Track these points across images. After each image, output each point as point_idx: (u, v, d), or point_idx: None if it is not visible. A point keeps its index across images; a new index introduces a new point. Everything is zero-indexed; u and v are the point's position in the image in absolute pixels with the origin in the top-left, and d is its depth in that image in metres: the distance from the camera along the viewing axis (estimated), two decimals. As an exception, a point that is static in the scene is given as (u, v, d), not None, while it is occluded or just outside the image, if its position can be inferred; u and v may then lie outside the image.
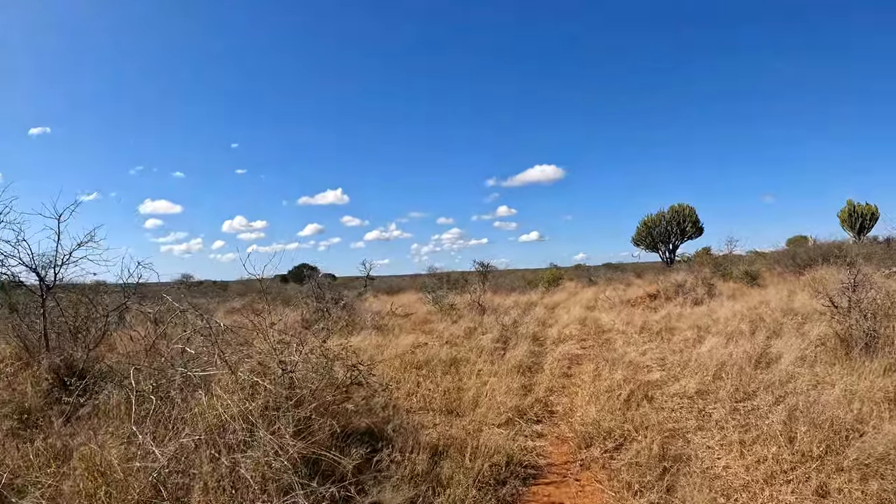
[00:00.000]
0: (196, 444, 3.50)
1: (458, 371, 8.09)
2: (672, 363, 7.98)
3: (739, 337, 8.84)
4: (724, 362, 7.28)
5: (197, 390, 4.14)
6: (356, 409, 4.86)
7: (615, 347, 9.92)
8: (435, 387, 7.07)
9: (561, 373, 8.13)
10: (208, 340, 4.48)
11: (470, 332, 12.31)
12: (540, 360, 9.09)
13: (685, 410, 5.91)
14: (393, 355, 8.90)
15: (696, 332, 10.10)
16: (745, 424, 5.13)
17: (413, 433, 4.93)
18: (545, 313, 16.59)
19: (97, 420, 4.79)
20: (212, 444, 3.51)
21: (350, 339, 10.99)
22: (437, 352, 9.30)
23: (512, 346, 9.77)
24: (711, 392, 6.37)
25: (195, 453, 3.46)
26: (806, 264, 20.81)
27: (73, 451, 4.14)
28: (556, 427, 5.83)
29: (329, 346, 5.07)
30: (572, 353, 9.65)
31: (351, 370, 5.00)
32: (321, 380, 4.43)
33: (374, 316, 15.14)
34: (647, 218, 41.46)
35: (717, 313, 12.34)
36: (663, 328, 11.38)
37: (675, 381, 7.01)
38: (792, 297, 13.77)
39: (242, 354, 4.53)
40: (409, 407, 6.37)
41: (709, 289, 17.40)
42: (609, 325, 13.04)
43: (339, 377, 4.80)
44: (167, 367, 4.50)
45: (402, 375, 7.74)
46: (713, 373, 6.95)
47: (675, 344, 9.33)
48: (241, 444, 3.51)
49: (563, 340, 10.98)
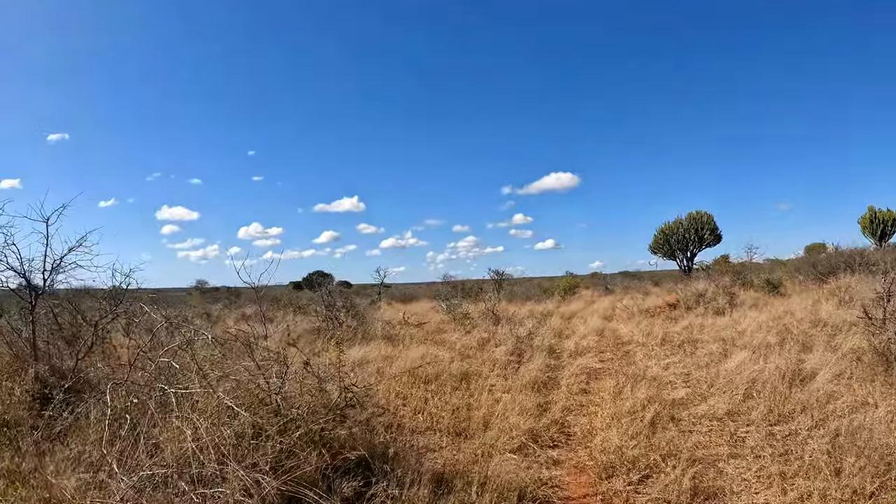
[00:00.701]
0: (163, 478, 3.10)
1: (469, 387, 7.67)
2: (697, 379, 7.50)
3: (768, 350, 8.32)
4: (755, 379, 6.80)
5: (175, 411, 3.73)
6: (351, 435, 4.41)
7: (635, 361, 9.45)
8: (444, 404, 6.65)
9: (579, 389, 7.67)
10: (187, 355, 4.08)
11: (483, 343, 11.87)
12: (556, 374, 8.63)
13: (715, 434, 5.43)
14: (401, 369, 8.48)
15: (720, 344, 9.58)
16: (784, 452, 4.64)
17: (416, 459, 4.50)
18: (561, 323, 16.11)
19: (68, 439, 4.41)
20: (182, 476, 3.10)
21: (359, 350, 10.65)
22: (448, 365, 8.89)
23: (527, 360, 9.32)
24: (743, 413, 5.89)
25: (160, 488, 3.06)
26: (828, 272, 20.06)
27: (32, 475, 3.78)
28: (573, 453, 5.34)
29: (321, 362, 4.65)
30: (590, 367, 9.18)
31: (345, 392, 4.55)
32: (309, 403, 4.01)
33: (384, 325, 14.73)
34: (665, 225, 40.84)
35: (742, 324, 11.81)
36: (685, 340, 10.86)
37: (702, 399, 6.54)
38: (817, 307, 13.18)
39: (223, 373, 4.12)
40: (414, 426, 5.96)
41: (730, 298, 16.81)
42: (628, 337, 12.52)
43: (332, 399, 4.37)
44: (150, 382, 4.15)
45: (409, 391, 7.32)
46: (743, 391, 6.46)
47: (699, 358, 8.82)
48: (214, 477, 3.10)
49: (580, 353, 10.50)
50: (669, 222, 40.65)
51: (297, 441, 3.61)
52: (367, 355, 10.17)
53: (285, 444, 3.49)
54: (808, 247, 42.40)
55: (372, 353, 10.37)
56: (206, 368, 4.02)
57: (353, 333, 13.32)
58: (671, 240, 40.25)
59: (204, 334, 4.63)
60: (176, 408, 3.74)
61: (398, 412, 6.46)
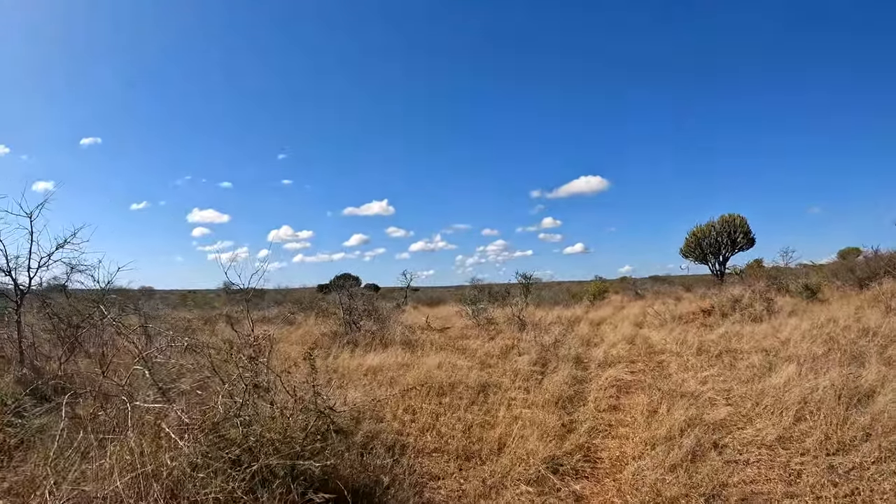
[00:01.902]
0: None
1: (487, 400, 7.08)
2: (740, 396, 6.78)
3: (816, 363, 7.55)
4: (805, 398, 6.08)
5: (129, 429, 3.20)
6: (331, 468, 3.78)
7: (669, 373, 8.73)
8: (456, 421, 6.07)
9: (607, 405, 6.98)
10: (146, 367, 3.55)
11: (506, 350, 11.26)
12: (583, 388, 7.97)
13: (765, 466, 4.73)
14: (416, 379, 7.90)
15: (763, 356, 8.80)
16: (851, 493, 3.96)
17: (414, 491, 3.92)
18: (589, 330, 15.36)
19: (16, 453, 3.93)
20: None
21: (375, 357, 10.12)
22: (466, 375, 8.29)
23: (551, 371, 8.69)
24: (795, 439, 5.18)
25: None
26: (867, 277, 19.16)
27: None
28: (600, 486, 4.63)
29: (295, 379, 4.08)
30: (621, 380, 8.47)
31: (321, 416, 3.93)
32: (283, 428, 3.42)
33: (405, 330, 14.16)
34: (697, 228, 39.56)
35: (783, 333, 11.00)
36: (723, 350, 10.10)
37: (747, 421, 5.83)
38: (860, 314, 12.31)
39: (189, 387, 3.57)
40: (421, 446, 5.38)
41: (767, 304, 15.92)
42: (661, 346, 11.74)
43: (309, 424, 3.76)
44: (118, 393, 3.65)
45: (420, 404, 6.75)
46: (794, 412, 5.73)
47: (740, 371, 8.06)
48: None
49: (609, 363, 9.79)
50: (701, 225, 39.39)
51: (257, 474, 3.03)
52: (384, 362, 9.65)
53: (238, 479, 2.91)
54: (841, 251, 41.20)
55: (388, 359, 9.85)
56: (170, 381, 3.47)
57: (372, 338, 12.82)
58: (703, 243, 38.96)
59: (182, 341, 4.11)
60: (131, 426, 3.21)
61: (405, 429, 5.89)
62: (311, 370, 4.27)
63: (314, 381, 4.11)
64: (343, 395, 6.67)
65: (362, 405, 6.64)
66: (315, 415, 3.79)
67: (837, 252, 41.41)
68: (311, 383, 4.04)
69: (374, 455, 4.84)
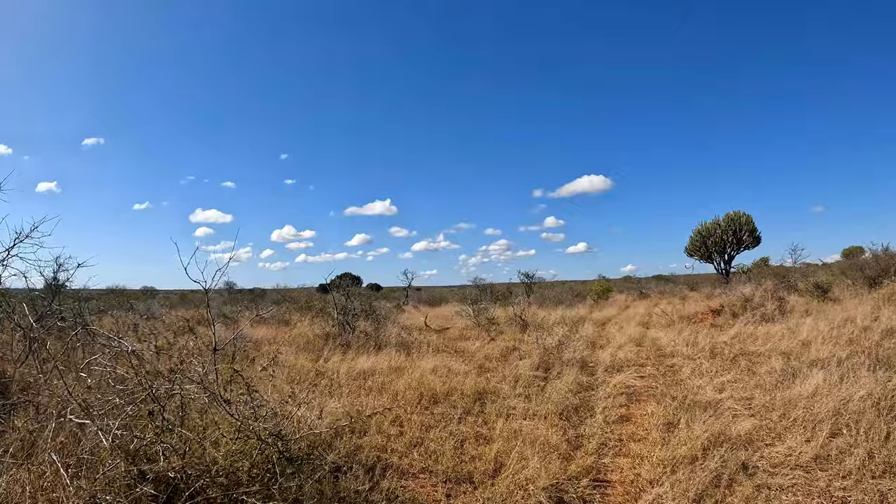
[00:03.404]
0: None
1: (484, 409, 6.44)
2: (764, 406, 6.11)
3: (842, 368, 6.88)
4: (838, 409, 5.42)
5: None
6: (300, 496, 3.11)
7: (682, 379, 8.06)
8: (447, 435, 5.41)
9: (617, 416, 6.30)
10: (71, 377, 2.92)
11: (507, 353, 10.63)
12: (589, 395, 7.31)
13: (803, 492, 4.05)
14: (406, 386, 7.26)
15: (783, 360, 8.14)
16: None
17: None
18: (594, 331, 14.69)
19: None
20: None
21: (367, 360, 9.47)
22: (463, 380, 7.65)
23: (555, 376, 8.04)
24: (834, 459, 4.51)
25: None
26: (877, 275, 18.67)
27: None
28: (613, 517, 4.02)
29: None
30: (630, 386, 7.82)
31: (272, 444, 3.20)
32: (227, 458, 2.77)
33: (401, 331, 13.51)
34: (701, 226, 38.80)
35: (800, 334, 10.33)
36: (739, 353, 9.44)
37: (775, 437, 5.16)
38: (878, 314, 11.63)
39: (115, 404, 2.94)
40: (406, 466, 4.74)
41: (780, 304, 15.25)
42: (671, 348, 11.05)
43: (253, 454, 3.09)
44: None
45: (409, 415, 6.11)
46: (829, 426, 5.06)
47: (761, 377, 7.37)
48: None
49: (617, 368, 9.13)
50: (707, 223, 38.68)
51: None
52: (376, 365, 9.02)
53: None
54: (845, 250, 40.64)
55: (381, 363, 9.21)
56: (98, 395, 2.83)
57: (366, 340, 12.19)
58: (708, 242, 38.24)
59: (127, 347, 3.48)
60: (49, 448, 2.59)
61: (390, 444, 5.25)
62: (245, 387, 3.50)
63: (256, 397, 3.43)
64: (322, 405, 6.05)
65: (347, 415, 6.03)
66: (257, 444, 3.08)
67: (841, 251, 40.96)
68: (251, 403, 3.34)
69: (351, 477, 4.20)
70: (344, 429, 5.51)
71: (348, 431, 5.50)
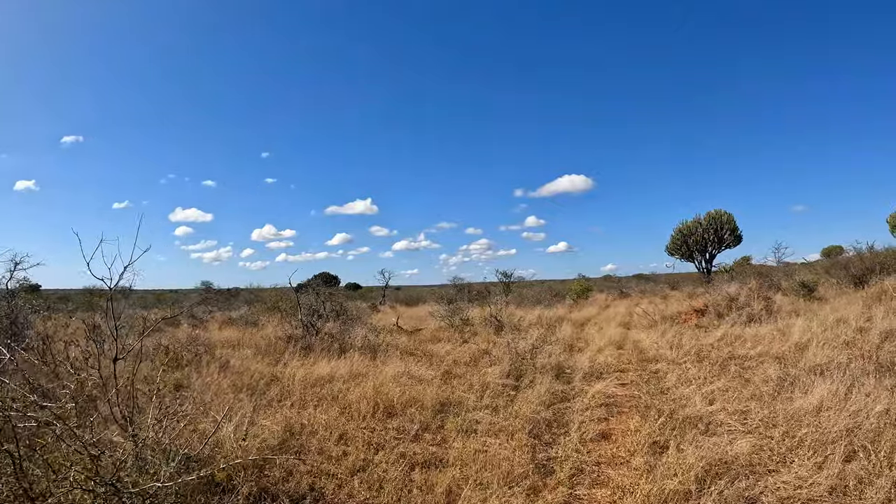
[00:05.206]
0: None
1: (445, 425, 5.61)
2: (761, 421, 5.33)
3: (845, 375, 6.14)
4: (850, 427, 4.67)
5: None
6: None
7: (668, 387, 7.28)
8: (398, 457, 4.58)
9: (596, 432, 5.48)
10: None
11: (478, 356, 9.81)
12: (564, 408, 6.48)
13: (823, 538, 3.28)
14: (360, 396, 6.41)
15: (778, 365, 7.41)
16: None
17: None
18: (573, 332, 13.90)
19: None
20: None
21: (327, 365, 8.62)
22: (424, 390, 6.82)
23: (526, 385, 7.24)
24: (853, 492, 3.74)
25: None
26: (862, 274, 18.48)
27: None
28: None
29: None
30: (610, 395, 7.02)
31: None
32: None
33: (369, 332, 12.62)
34: (682, 225, 38.39)
35: (792, 336, 9.63)
36: (728, 357, 8.70)
37: (779, 460, 4.37)
38: (869, 314, 11.00)
39: None
40: (343, 498, 3.91)
41: (766, 303, 14.61)
42: (654, 351, 10.27)
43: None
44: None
45: (357, 431, 5.28)
46: (842, 449, 4.29)
47: (756, 386, 6.59)
48: None
49: (596, 375, 8.32)
50: (688, 221, 38.28)
51: None
52: (335, 371, 8.15)
53: None
54: (824, 249, 40.62)
55: (341, 368, 8.35)
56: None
57: (330, 343, 11.32)
58: (689, 241, 37.85)
59: None
60: None
61: (330, 469, 4.41)
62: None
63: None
64: (251, 420, 5.20)
65: (287, 430, 5.19)
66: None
67: (821, 250, 40.98)
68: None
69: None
70: (275, 449, 4.70)
71: (284, 450, 4.69)
